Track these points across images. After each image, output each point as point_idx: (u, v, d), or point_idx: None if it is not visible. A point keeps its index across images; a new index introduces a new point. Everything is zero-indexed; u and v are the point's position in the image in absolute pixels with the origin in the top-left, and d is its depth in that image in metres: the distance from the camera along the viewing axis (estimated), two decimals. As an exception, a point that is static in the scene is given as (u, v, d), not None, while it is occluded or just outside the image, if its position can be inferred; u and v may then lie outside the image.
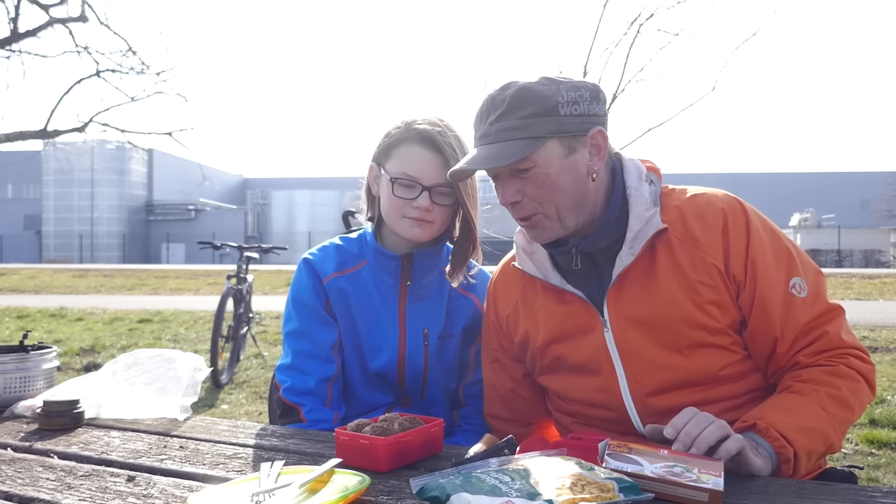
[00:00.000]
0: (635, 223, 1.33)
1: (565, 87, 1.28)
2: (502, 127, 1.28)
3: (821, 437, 1.22)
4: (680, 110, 13.78)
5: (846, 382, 1.26)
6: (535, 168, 1.29)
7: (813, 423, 1.22)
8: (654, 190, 1.38)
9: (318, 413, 1.54)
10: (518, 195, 1.33)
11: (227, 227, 44.42)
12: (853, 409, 1.27)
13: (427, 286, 1.64)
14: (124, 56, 11.06)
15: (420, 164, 1.51)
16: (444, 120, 1.58)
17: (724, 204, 1.35)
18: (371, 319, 1.62)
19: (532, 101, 1.27)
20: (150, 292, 14.33)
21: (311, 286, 1.61)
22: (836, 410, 1.24)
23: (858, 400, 1.28)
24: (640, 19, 12.95)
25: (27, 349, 1.64)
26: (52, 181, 46.40)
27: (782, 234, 1.38)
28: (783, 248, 1.35)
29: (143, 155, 44.98)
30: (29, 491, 1.04)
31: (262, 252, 6.33)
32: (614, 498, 0.90)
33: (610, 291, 1.35)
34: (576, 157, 1.31)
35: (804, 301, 1.31)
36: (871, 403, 4.56)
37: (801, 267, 1.34)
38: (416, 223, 1.53)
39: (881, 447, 3.74)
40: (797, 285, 1.32)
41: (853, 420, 1.30)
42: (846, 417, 1.26)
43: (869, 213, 47.37)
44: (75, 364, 6.24)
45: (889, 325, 8.03)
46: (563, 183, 1.31)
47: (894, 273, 17.58)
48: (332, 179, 54.85)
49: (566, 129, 1.28)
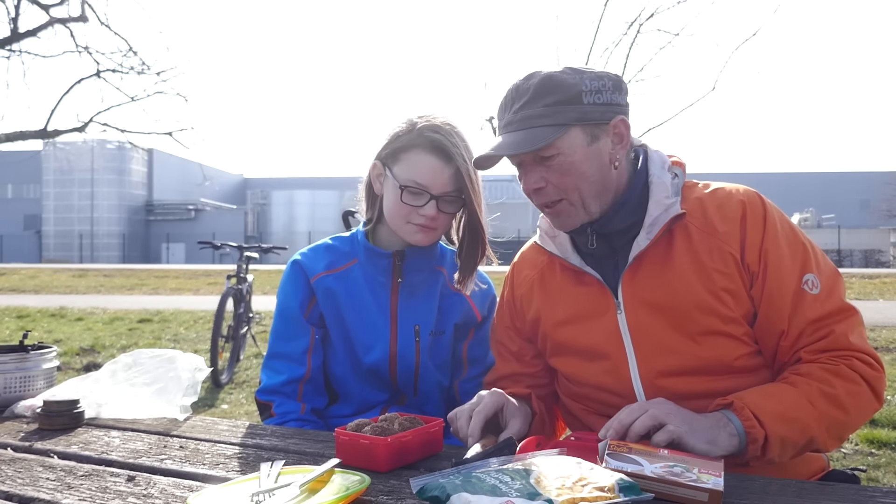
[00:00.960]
0: (654, 209, 1.35)
1: (589, 77, 1.32)
2: (527, 115, 1.31)
3: (800, 428, 1.21)
4: (680, 110, 13.80)
5: (843, 383, 1.25)
6: (559, 155, 1.31)
7: (794, 413, 1.21)
8: (677, 182, 1.40)
9: (285, 406, 1.61)
10: (542, 182, 1.35)
11: (227, 227, 44.42)
12: (847, 411, 1.25)
13: (419, 284, 1.65)
14: (124, 56, 11.07)
15: (430, 174, 1.52)
16: (451, 123, 1.59)
17: (743, 196, 1.36)
18: (362, 316, 1.64)
19: (556, 90, 1.30)
20: (150, 292, 14.33)
21: (294, 289, 1.66)
22: (825, 407, 1.23)
23: (855, 403, 1.26)
24: (640, 19, 12.97)
25: (27, 349, 1.64)
26: (52, 181, 46.41)
27: (801, 231, 1.38)
28: (800, 243, 1.34)
29: (143, 155, 44.98)
30: (29, 491, 1.04)
31: (262, 252, 6.33)
32: (614, 498, 0.90)
33: (625, 274, 1.37)
34: (599, 145, 1.34)
35: (815, 298, 1.30)
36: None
37: (816, 264, 1.33)
38: (420, 229, 1.55)
39: (881, 447, 3.75)
40: (810, 281, 1.31)
41: (848, 423, 1.27)
42: (837, 417, 1.24)
43: (869, 213, 47.37)
44: (75, 364, 6.24)
45: (889, 325, 8.03)
46: (586, 170, 1.33)
47: (894, 273, 17.58)
48: (332, 179, 54.85)
49: (589, 117, 1.31)
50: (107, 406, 1.51)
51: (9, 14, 9.97)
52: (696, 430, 1.16)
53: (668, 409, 1.19)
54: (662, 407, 1.19)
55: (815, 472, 1.38)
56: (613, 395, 1.39)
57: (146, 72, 11.25)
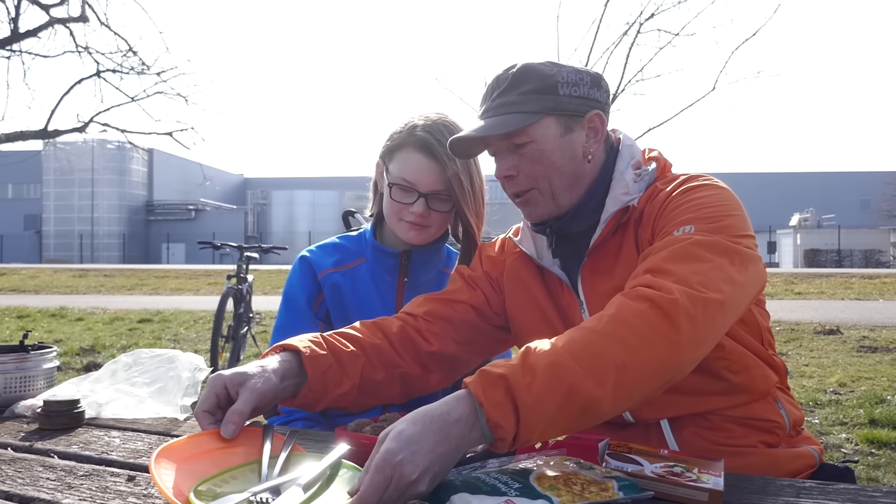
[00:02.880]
0: (611, 205, 1.34)
1: (567, 70, 1.33)
2: (502, 102, 1.33)
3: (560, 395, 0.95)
4: (680, 110, 13.72)
5: (618, 312, 1.03)
6: (531, 143, 1.32)
7: (550, 383, 0.95)
8: (647, 177, 1.37)
9: None
10: (513, 170, 1.35)
11: (227, 227, 44.47)
12: (623, 344, 0.99)
13: (425, 284, 1.66)
14: (124, 56, 11.04)
15: (418, 171, 1.54)
16: (447, 122, 1.60)
17: (684, 178, 1.32)
18: (367, 313, 1.64)
19: (532, 79, 1.31)
20: (150, 292, 14.34)
21: (302, 283, 1.66)
22: (580, 352, 0.98)
23: (629, 331, 1.00)
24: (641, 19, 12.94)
25: (27, 349, 1.64)
26: (52, 181, 46.46)
27: (737, 212, 1.23)
28: (711, 209, 1.21)
29: (144, 155, 45.04)
30: (29, 491, 1.04)
31: (262, 252, 6.34)
32: (614, 496, 0.90)
33: (583, 270, 1.37)
34: (572, 137, 1.34)
35: (676, 238, 1.16)
36: (870, 403, 4.57)
37: (708, 225, 1.17)
38: (412, 227, 1.57)
39: (881, 447, 3.75)
40: (684, 230, 1.18)
41: (625, 361, 0.98)
42: (607, 357, 0.98)
43: (869, 213, 47.40)
44: (75, 364, 6.24)
45: (889, 325, 8.03)
46: (557, 160, 1.33)
47: (894, 273, 17.59)
48: (332, 179, 54.91)
49: (563, 107, 1.32)
50: (107, 406, 1.51)
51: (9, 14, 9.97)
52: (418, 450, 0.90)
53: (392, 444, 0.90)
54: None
55: (803, 469, 1.33)
56: None
57: (146, 72, 11.23)
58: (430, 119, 1.60)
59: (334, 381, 1.29)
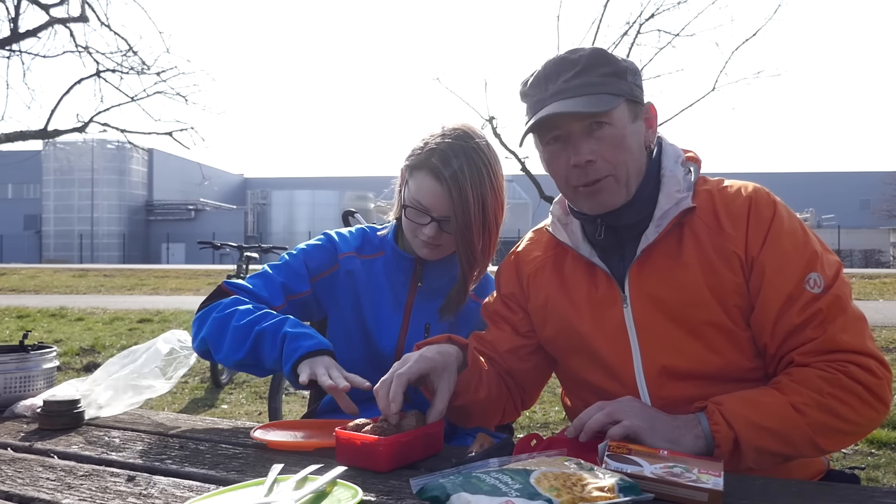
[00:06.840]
0: (665, 202, 1.33)
1: (625, 59, 1.34)
2: (586, 81, 1.29)
3: (780, 437, 1.17)
4: (680, 110, 13.69)
5: (840, 392, 1.18)
6: (610, 127, 1.30)
7: (772, 422, 1.17)
8: (690, 177, 1.37)
9: (243, 295, 1.61)
10: (593, 155, 1.30)
11: (227, 227, 44.43)
12: (845, 419, 1.19)
13: (438, 289, 1.69)
14: (124, 56, 11.01)
15: (431, 197, 1.55)
16: (467, 142, 1.55)
17: (752, 193, 1.34)
18: (376, 305, 1.68)
19: (607, 63, 1.31)
20: (150, 292, 14.33)
21: (316, 252, 1.69)
22: (816, 415, 1.17)
23: (854, 413, 1.19)
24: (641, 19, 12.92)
25: (27, 349, 1.64)
26: (52, 181, 46.42)
27: (812, 232, 1.32)
28: (808, 242, 1.29)
29: (143, 155, 44.96)
30: (29, 491, 1.04)
31: (262, 252, 6.33)
32: (614, 498, 0.90)
33: (633, 267, 1.35)
34: (638, 125, 1.35)
35: (815, 297, 1.23)
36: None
37: (822, 265, 1.27)
38: (425, 245, 1.60)
39: (881, 447, 3.75)
40: (812, 280, 1.24)
41: (847, 430, 1.21)
42: (833, 426, 1.19)
43: (869, 213, 47.39)
44: (75, 364, 6.24)
45: (889, 325, 8.03)
46: (632, 145, 1.33)
47: (894, 273, 17.58)
48: (332, 179, 54.85)
49: (633, 94, 1.33)
50: (107, 406, 1.51)
51: (9, 14, 9.95)
52: (657, 427, 1.16)
53: (629, 406, 1.20)
54: (623, 405, 1.20)
55: (815, 475, 1.36)
56: (615, 389, 1.35)
57: (146, 72, 11.20)
58: (447, 139, 1.56)
59: (474, 386, 1.40)
